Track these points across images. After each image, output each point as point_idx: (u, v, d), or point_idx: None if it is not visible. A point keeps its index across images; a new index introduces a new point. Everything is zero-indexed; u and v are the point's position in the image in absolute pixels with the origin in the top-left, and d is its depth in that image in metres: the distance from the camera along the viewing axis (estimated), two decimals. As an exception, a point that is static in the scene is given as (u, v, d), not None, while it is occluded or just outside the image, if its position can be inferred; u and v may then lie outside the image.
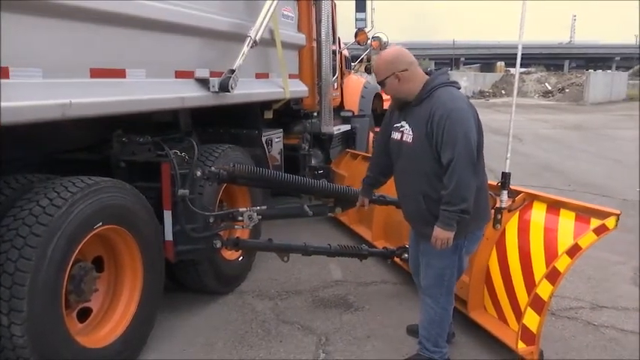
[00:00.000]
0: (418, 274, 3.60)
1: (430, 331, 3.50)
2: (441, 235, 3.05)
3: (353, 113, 8.21)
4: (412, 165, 3.17)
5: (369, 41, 8.74)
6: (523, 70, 49.34)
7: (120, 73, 3.29)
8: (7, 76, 2.51)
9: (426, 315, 3.50)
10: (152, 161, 4.05)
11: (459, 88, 3.25)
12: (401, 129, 3.20)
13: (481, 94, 43.67)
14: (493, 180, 3.98)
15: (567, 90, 41.25)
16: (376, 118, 9.29)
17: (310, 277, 5.21)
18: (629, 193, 8.76)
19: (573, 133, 18.31)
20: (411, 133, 3.13)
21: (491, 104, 35.73)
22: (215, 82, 4.06)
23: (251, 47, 4.34)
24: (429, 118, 3.01)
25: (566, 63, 76.97)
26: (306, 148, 6.74)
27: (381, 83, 3.21)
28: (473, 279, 4.04)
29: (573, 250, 3.36)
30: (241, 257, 4.96)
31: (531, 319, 3.49)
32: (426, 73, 3.22)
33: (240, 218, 4.14)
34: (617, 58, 74.16)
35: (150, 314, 3.80)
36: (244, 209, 4.14)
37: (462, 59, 74.96)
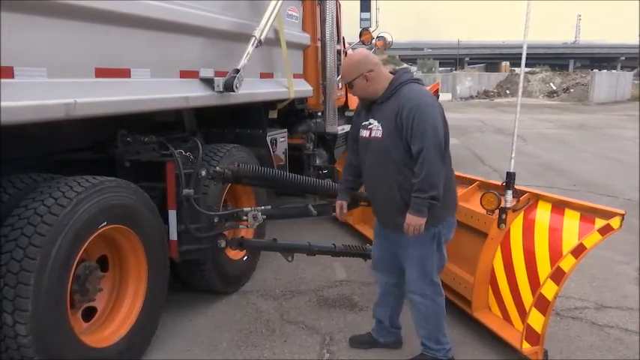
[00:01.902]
0: (381, 269, 3.70)
1: (428, 329, 3.52)
2: (414, 221, 3.14)
3: (357, 113, 8.21)
4: (383, 159, 3.26)
5: (373, 41, 8.73)
6: (528, 69, 49.22)
7: (124, 73, 3.29)
8: (11, 76, 2.51)
9: (419, 313, 3.52)
10: (157, 161, 4.05)
11: (423, 85, 3.44)
12: (369, 127, 3.30)
13: (485, 94, 43.57)
14: (498, 180, 3.98)
15: (572, 90, 41.11)
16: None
17: (314, 277, 5.21)
18: (633, 193, 8.73)
19: (578, 133, 18.27)
20: (380, 128, 3.25)
21: (496, 104, 35.70)
22: (220, 81, 4.06)
23: (256, 47, 4.34)
24: (398, 111, 3.15)
25: (571, 63, 76.83)
26: (311, 147, 6.75)
27: (350, 84, 3.36)
28: (477, 279, 4.04)
29: (578, 250, 3.35)
30: (245, 257, 4.96)
31: (536, 319, 3.48)
32: (391, 73, 3.37)
33: (244, 218, 4.15)
34: (622, 58, 74.02)
35: (154, 314, 3.81)
36: (249, 209, 4.14)
37: (467, 59, 74.91)
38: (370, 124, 3.30)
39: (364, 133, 3.34)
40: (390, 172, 3.25)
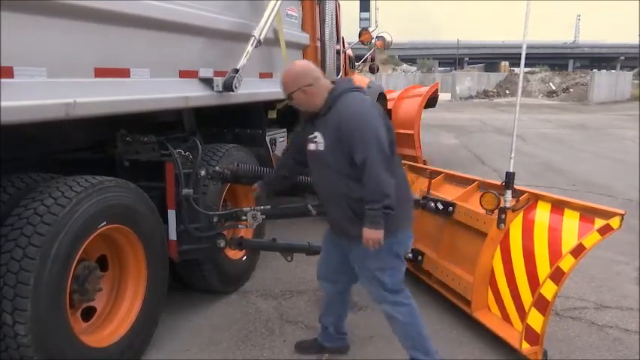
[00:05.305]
0: (328, 278, 3.66)
1: (413, 338, 3.39)
2: (372, 235, 3.03)
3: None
4: (329, 171, 3.20)
5: (373, 41, 8.75)
6: (527, 69, 49.24)
7: (124, 73, 3.29)
8: (11, 76, 2.51)
9: (396, 323, 3.39)
10: (156, 161, 4.05)
11: (364, 93, 3.34)
12: (314, 140, 3.22)
13: (485, 93, 43.58)
14: (497, 180, 3.98)
15: (571, 90, 41.15)
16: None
17: (314, 277, 5.11)
18: (633, 193, 8.73)
19: (577, 132, 18.28)
20: (322, 141, 3.17)
21: (495, 104, 35.72)
22: (219, 81, 4.06)
23: (255, 47, 4.34)
24: (339, 123, 3.08)
25: (571, 63, 76.92)
26: (310, 147, 6.73)
27: (289, 97, 3.30)
28: (477, 279, 4.04)
29: (577, 250, 3.36)
30: (245, 257, 4.96)
31: (535, 319, 3.49)
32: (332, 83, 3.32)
33: (243, 218, 4.14)
34: (622, 58, 74.11)
35: (154, 313, 3.81)
36: (248, 209, 4.14)
37: (466, 59, 74.94)
38: (315, 137, 3.21)
39: (311, 147, 3.26)
40: (336, 185, 3.18)
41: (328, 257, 3.64)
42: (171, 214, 3.96)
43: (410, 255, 4.74)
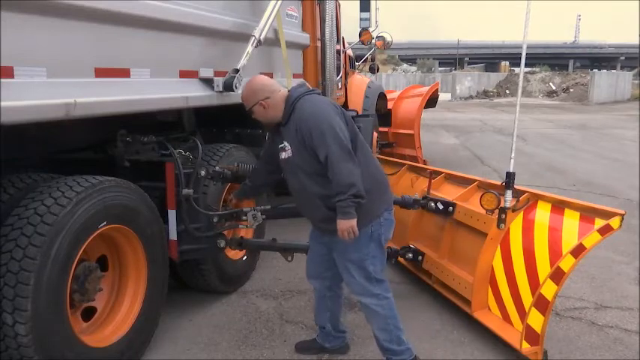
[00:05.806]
0: (315, 276, 3.69)
1: (389, 330, 3.43)
2: (345, 225, 3.08)
3: (357, 113, 8.21)
4: (301, 174, 3.30)
5: (373, 41, 8.74)
6: (527, 69, 49.23)
7: (124, 73, 3.29)
8: (11, 76, 2.51)
9: (377, 316, 3.43)
10: (156, 161, 4.05)
11: (319, 94, 3.47)
12: (284, 149, 3.33)
13: (485, 93, 43.55)
14: (497, 180, 3.98)
15: (572, 90, 41.13)
16: (380, 117, 9.29)
17: (314, 277, 5.19)
18: (633, 193, 8.73)
19: (577, 133, 18.26)
20: (289, 147, 3.29)
21: (496, 104, 35.70)
22: (219, 81, 4.07)
23: (255, 47, 4.34)
24: (298, 127, 3.21)
25: (571, 63, 76.88)
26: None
27: (250, 111, 3.44)
28: (477, 279, 4.04)
29: (577, 250, 3.35)
30: (245, 257, 4.96)
31: (535, 319, 3.49)
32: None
33: (244, 218, 4.14)
34: (622, 58, 74.06)
35: (154, 313, 3.81)
36: (248, 209, 4.14)
37: (466, 59, 74.93)
38: (284, 146, 3.32)
39: (283, 155, 3.36)
40: (308, 185, 3.28)
41: (314, 254, 3.69)
42: (172, 214, 3.96)
43: (410, 255, 4.75)
